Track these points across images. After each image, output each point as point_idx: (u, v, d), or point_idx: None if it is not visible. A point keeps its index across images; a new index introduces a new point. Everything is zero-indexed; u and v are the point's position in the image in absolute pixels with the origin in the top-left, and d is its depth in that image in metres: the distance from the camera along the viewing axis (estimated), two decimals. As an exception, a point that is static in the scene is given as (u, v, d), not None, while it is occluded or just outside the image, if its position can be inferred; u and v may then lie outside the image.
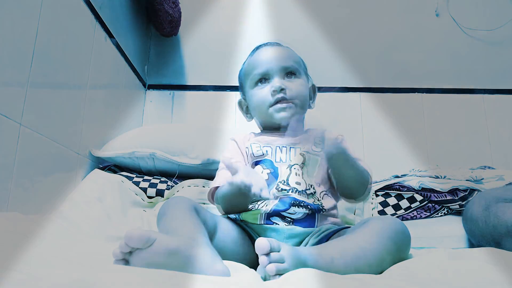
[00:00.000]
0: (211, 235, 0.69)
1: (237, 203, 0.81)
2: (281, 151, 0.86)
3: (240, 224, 0.79)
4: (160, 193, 1.16)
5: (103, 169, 1.22)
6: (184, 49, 1.79)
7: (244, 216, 0.80)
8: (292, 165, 0.83)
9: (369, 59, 1.78)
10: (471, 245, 1.04)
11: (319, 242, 0.72)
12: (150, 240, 0.50)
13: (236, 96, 1.70)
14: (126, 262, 0.51)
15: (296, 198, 0.78)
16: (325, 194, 0.83)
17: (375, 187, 1.25)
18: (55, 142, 0.96)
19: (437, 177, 1.23)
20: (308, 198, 0.79)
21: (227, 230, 0.74)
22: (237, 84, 1.67)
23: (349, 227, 0.76)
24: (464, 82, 1.75)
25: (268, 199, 0.77)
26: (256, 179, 0.68)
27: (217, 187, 0.86)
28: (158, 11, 1.55)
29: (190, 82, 1.75)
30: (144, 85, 1.72)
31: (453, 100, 1.73)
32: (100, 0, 1.19)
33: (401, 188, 1.22)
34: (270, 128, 0.92)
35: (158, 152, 1.20)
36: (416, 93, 1.74)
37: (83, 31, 1.11)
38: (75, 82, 1.07)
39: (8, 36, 0.77)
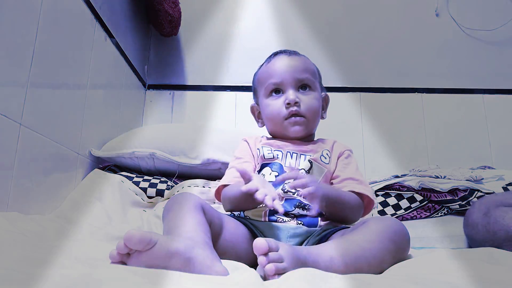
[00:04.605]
0: (217, 234, 0.69)
1: (245, 206, 0.81)
2: (291, 157, 0.87)
3: (245, 223, 0.79)
4: (160, 193, 1.16)
5: (103, 169, 1.22)
6: (184, 49, 1.79)
7: (248, 212, 0.81)
8: (299, 170, 0.84)
9: (369, 59, 1.78)
10: (471, 246, 1.04)
11: (319, 241, 0.72)
12: (151, 242, 0.49)
13: (236, 96, 1.71)
14: (123, 264, 0.50)
15: (301, 201, 0.78)
16: None
17: (375, 187, 1.25)
18: (55, 142, 0.96)
19: (437, 177, 1.23)
20: None
21: (233, 229, 0.74)
22: (237, 84, 1.67)
23: (349, 227, 0.76)
24: (464, 82, 1.75)
25: (277, 212, 0.77)
26: (269, 190, 0.68)
27: (225, 185, 0.86)
28: (158, 11, 1.55)
29: (190, 82, 1.75)
30: (144, 85, 1.72)
31: (453, 100, 1.73)
32: (100, 0, 1.20)
33: (401, 188, 1.22)
34: (281, 137, 0.93)
35: (158, 152, 1.20)
36: (416, 93, 1.74)
37: (83, 31, 1.11)
38: (75, 82, 1.07)
39: (8, 36, 0.77)
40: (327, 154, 0.89)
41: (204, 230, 0.60)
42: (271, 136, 0.97)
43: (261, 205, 0.81)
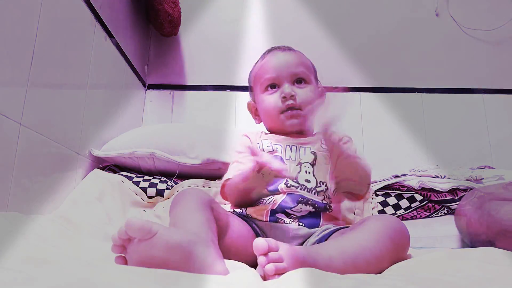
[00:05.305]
0: (223, 232, 0.69)
1: (251, 195, 0.81)
2: (291, 150, 0.88)
3: (249, 222, 0.79)
4: (160, 193, 1.16)
5: (103, 169, 1.22)
6: (184, 49, 1.79)
7: (250, 211, 0.81)
8: (303, 163, 0.84)
9: (369, 59, 1.78)
10: (468, 245, 1.04)
11: (319, 241, 0.72)
12: (152, 232, 0.49)
13: (236, 95, 1.71)
14: (124, 249, 0.50)
15: (303, 196, 0.78)
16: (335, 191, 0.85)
17: (375, 187, 1.25)
18: (55, 142, 0.96)
19: (437, 177, 1.23)
20: (318, 195, 0.80)
21: (238, 228, 0.74)
22: (237, 84, 1.67)
23: (348, 226, 0.76)
24: (464, 82, 1.75)
25: (277, 212, 0.78)
26: (278, 162, 0.70)
27: (229, 180, 0.86)
28: (158, 11, 1.55)
29: (190, 82, 1.75)
30: (144, 85, 1.72)
31: (453, 100, 1.73)
32: (100, 0, 1.20)
33: (401, 188, 1.22)
34: (279, 132, 0.93)
35: (158, 152, 1.20)
36: (416, 93, 1.74)
37: (83, 31, 1.11)
38: (75, 82, 1.07)
39: (8, 36, 0.77)
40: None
41: (211, 227, 0.60)
42: (269, 132, 0.97)
43: (264, 199, 0.80)
